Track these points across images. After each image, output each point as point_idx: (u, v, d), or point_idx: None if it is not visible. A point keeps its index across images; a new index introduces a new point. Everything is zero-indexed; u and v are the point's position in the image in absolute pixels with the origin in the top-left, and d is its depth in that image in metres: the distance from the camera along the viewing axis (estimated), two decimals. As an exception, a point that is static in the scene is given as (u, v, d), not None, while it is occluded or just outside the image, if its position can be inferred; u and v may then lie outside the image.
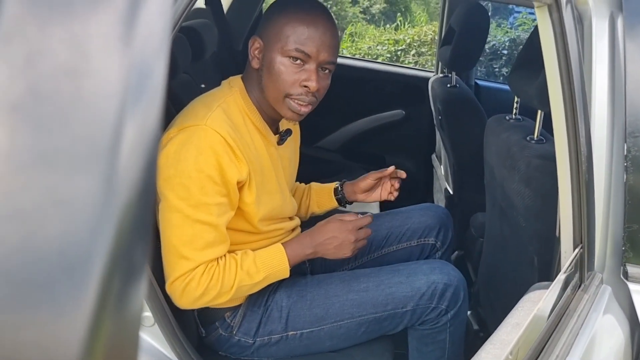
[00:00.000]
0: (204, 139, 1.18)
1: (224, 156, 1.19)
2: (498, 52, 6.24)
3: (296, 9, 1.25)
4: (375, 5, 8.75)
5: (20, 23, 0.22)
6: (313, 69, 1.23)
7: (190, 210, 1.19)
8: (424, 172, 2.96)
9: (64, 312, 0.22)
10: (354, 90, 2.91)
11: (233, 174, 1.21)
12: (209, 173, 1.18)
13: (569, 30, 0.96)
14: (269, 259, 1.31)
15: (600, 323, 1.02)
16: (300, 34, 1.21)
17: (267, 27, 1.26)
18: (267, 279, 1.31)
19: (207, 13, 2.53)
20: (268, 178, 1.35)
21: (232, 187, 1.23)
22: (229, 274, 1.25)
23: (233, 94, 1.31)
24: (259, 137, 1.33)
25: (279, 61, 1.23)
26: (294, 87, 1.23)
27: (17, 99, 0.21)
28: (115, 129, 0.25)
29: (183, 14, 1.01)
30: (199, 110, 1.24)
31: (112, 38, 0.25)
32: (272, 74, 1.24)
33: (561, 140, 1.03)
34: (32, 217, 0.21)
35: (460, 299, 1.39)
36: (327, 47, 1.24)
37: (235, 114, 1.28)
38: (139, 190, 0.26)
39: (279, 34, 1.23)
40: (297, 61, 1.23)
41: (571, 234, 1.06)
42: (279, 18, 1.24)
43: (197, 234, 1.20)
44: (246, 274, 1.27)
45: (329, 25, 1.26)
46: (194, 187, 1.18)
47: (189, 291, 1.23)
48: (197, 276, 1.22)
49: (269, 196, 1.36)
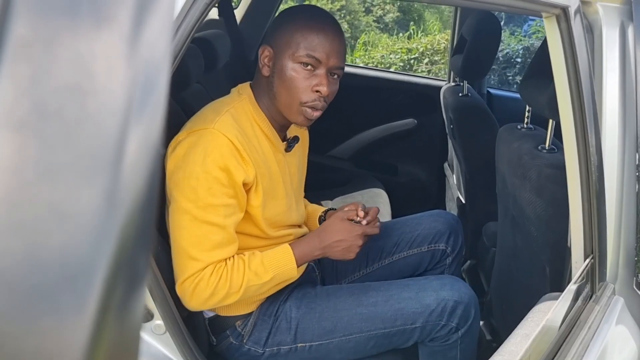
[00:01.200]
0: (211, 141, 1.21)
1: (231, 158, 1.21)
2: (512, 61, 6.21)
3: (305, 18, 1.28)
4: (389, 14, 8.77)
5: (26, 44, 0.23)
6: (323, 74, 1.26)
7: (199, 211, 1.21)
8: (436, 181, 2.95)
9: (67, 321, 0.23)
10: (366, 99, 2.92)
11: (240, 175, 1.23)
12: (216, 175, 1.20)
13: (578, 40, 0.96)
14: (277, 258, 1.32)
15: (612, 334, 1.01)
16: (311, 40, 1.24)
17: (277, 35, 1.29)
18: (275, 278, 1.32)
19: (220, 24, 2.56)
20: (275, 183, 1.37)
21: (240, 189, 1.25)
22: (237, 274, 1.27)
23: (242, 101, 1.33)
24: (267, 144, 1.35)
25: (290, 67, 1.26)
26: (307, 92, 1.26)
27: (24, 116, 0.22)
28: (118, 144, 0.26)
29: (195, 26, 1.03)
30: (208, 115, 1.28)
31: (115, 57, 0.26)
32: (284, 80, 1.27)
33: (571, 150, 1.03)
34: (37, 229, 0.22)
35: (471, 316, 1.38)
36: (336, 52, 1.27)
37: (243, 120, 1.31)
38: (140, 204, 0.26)
39: (290, 42, 1.25)
40: (308, 67, 1.26)
41: (582, 244, 1.05)
42: (289, 26, 1.27)
43: (205, 235, 1.23)
44: (254, 274, 1.28)
45: (337, 32, 1.29)
46: (202, 188, 1.20)
47: (199, 292, 1.24)
48: (205, 276, 1.23)
49: (275, 201, 1.37)
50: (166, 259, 1.30)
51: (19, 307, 0.22)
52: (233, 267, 1.27)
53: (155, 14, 0.28)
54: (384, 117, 2.94)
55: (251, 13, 2.84)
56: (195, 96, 1.99)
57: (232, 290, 1.26)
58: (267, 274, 1.29)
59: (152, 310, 1.21)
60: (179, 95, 1.84)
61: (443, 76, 3.50)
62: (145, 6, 0.28)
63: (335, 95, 1.34)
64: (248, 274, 1.28)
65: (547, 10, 0.90)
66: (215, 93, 2.14)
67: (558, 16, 0.92)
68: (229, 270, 1.26)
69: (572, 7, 0.93)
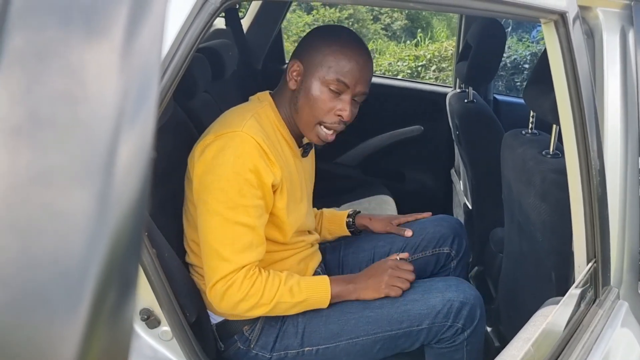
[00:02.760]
0: (240, 144, 1.24)
1: (260, 160, 1.24)
2: (520, 67, 6.20)
3: (340, 42, 1.32)
4: (397, 21, 8.80)
5: (21, 54, 0.24)
6: (348, 100, 1.31)
7: (229, 212, 1.23)
8: (443, 187, 2.95)
9: (59, 316, 0.24)
10: (372, 107, 2.92)
11: (268, 176, 1.26)
12: (246, 176, 1.23)
13: (577, 45, 0.97)
14: (314, 283, 1.35)
15: (616, 338, 1.01)
16: (343, 66, 1.29)
17: (309, 53, 1.32)
18: (307, 302, 1.34)
19: (228, 33, 2.60)
20: (296, 186, 1.41)
21: (268, 190, 1.28)
22: (272, 285, 1.29)
23: (264, 107, 1.37)
24: (287, 148, 1.40)
25: (318, 88, 1.30)
26: (329, 115, 1.31)
27: (18, 123, 0.23)
28: (109, 149, 0.27)
29: (199, 36, 1.05)
30: (234, 119, 1.31)
31: (106, 66, 0.27)
32: (309, 99, 1.31)
33: (572, 155, 1.03)
34: (30, 228, 0.24)
35: (476, 317, 1.38)
36: (364, 80, 1.33)
37: (266, 124, 1.34)
38: (131, 206, 0.28)
39: (322, 63, 1.30)
40: (336, 91, 1.30)
41: (584, 248, 1.05)
42: (322, 47, 1.31)
43: (236, 236, 1.25)
44: (288, 291, 1.30)
45: (368, 59, 1.34)
46: (232, 190, 1.23)
47: (230, 295, 1.26)
48: (238, 280, 1.25)
49: (296, 205, 1.41)
50: (174, 267, 1.31)
51: (13, 301, 0.23)
52: (268, 278, 1.29)
53: (147, 26, 0.30)
54: (390, 124, 2.95)
55: (258, 22, 2.87)
56: (202, 105, 2.02)
57: (264, 301, 1.28)
58: (302, 294, 1.32)
59: (159, 316, 1.23)
60: (187, 104, 1.86)
61: (450, 83, 3.51)
62: (136, 18, 0.29)
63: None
64: (282, 289, 1.30)
65: (545, 16, 0.91)
66: (223, 102, 2.17)
67: (556, 22, 0.93)
68: (263, 279, 1.28)
69: (570, 13, 0.94)
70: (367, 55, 1.35)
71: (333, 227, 1.73)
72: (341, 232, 1.73)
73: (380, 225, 1.70)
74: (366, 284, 1.38)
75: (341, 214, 1.75)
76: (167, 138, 1.52)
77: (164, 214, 1.37)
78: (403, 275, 1.38)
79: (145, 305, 1.21)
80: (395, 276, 1.37)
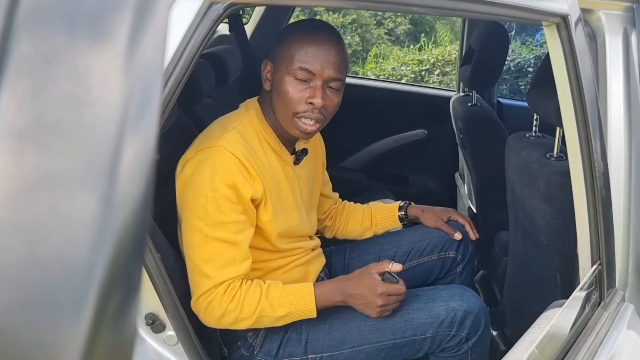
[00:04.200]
0: (218, 159, 1.23)
1: (238, 175, 1.23)
2: (524, 70, 6.20)
3: (301, 31, 1.30)
4: (401, 26, 8.81)
5: (27, 60, 0.25)
6: (319, 86, 1.27)
7: (209, 229, 1.23)
8: (448, 191, 2.95)
9: (65, 315, 0.25)
10: (376, 111, 2.94)
11: (247, 191, 1.25)
12: (224, 192, 1.22)
13: (580, 48, 0.97)
14: (297, 295, 1.30)
15: (621, 341, 1.00)
16: (304, 53, 1.25)
17: (276, 50, 1.31)
18: (291, 315, 1.30)
19: (231, 39, 2.61)
20: (285, 197, 1.38)
21: (248, 204, 1.27)
22: (251, 299, 1.26)
23: (249, 116, 1.36)
24: (275, 158, 1.37)
25: (285, 81, 1.27)
26: (300, 104, 1.27)
27: (24, 126, 0.24)
28: (114, 152, 0.28)
29: (203, 42, 1.06)
30: (215, 132, 1.30)
31: (111, 72, 0.28)
32: (280, 94, 1.28)
33: (575, 157, 1.03)
34: (37, 230, 0.24)
35: (481, 326, 1.37)
36: (331, 64, 1.27)
37: (250, 135, 1.32)
38: (135, 209, 0.28)
39: (286, 55, 1.28)
40: (303, 80, 1.27)
41: (588, 250, 1.05)
42: (286, 41, 1.29)
43: (217, 252, 1.24)
44: (269, 305, 1.28)
45: (333, 43, 1.29)
46: (211, 206, 1.22)
47: (212, 310, 1.26)
48: (218, 295, 1.25)
49: (286, 214, 1.39)
50: (179, 271, 1.32)
51: (20, 301, 0.24)
52: (248, 291, 1.27)
53: (150, 32, 0.30)
54: (394, 128, 2.96)
55: (261, 28, 2.89)
56: (207, 110, 2.03)
57: (244, 316, 1.26)
58: (283, 308, 1.28)
59: (164, 321, 1.23)
60: (191, 110, 1.87)
61: (454, 87, 3.51)
62: (140, 25, 0.30)
63: (347, 107, 1.34)
64: (263, 304, 1.27)
65: (547, 19, 0.92)
66: (227, 107, 2.18)
67: (558, 24, 0.93)
68: (242, 294, 1.26)
69: (572, 16, 0.94)
70: (332, 39, 1.29)
71: (384, 222, 1.71)
72: (394, 225, 1.71)
73: (432, 221, 1.67)
74: (358, 298, 1.31)
75: (391, 207, 1.73)
76: (171, 143, 1.53)
77: (168, 219, 1.38)
78: (394, 301, 1.32)
79: (150, 309, 1.21)
80: (387, 306, 1.31)
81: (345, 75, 1.33)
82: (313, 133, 1.32)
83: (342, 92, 1.34)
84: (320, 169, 1.62)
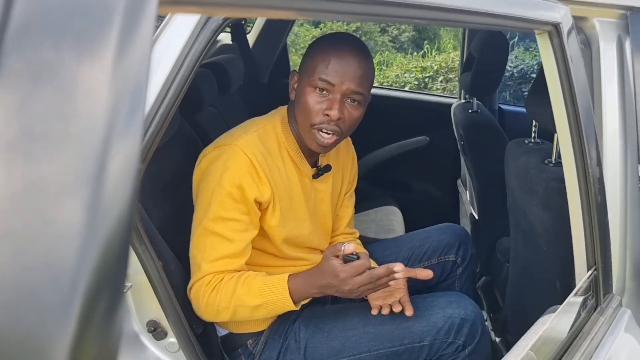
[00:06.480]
0: (231, 157, 1.26)
1: (246, 176, 1.26)
2: (527, 76, 6.21)
3: (327, 43, 1.31)
4: (404, 33, 8.85)
5: (17, 74, 0.26)
6: (337, 99, 1.27)
7: (209, 222, 1.26)
8: (450, 197, 2.96)
9: (50, 317, 0.26)
10: (378, 118, 2.94)
11: (253, 193, 1.27)
12: (229, 190, 1.25)
13: (573, 56, 0.98)
14: (270, 285, 1.28)
15: (617, 346, 1.01)
16: (325, 65, 1.27)
17: (304, 62, 1.34)
18: (266, 306, 1.27)
19: (234, 48, 2.64)
20: (297, 206, 1.39)
21: (252, 206, 1.28)
22: (228, 288, 1.26)
23: (274, 122, 1.38)
24: (292, 166, 1.38)
25: (306, 91, 1.29)
26: (317, 115, 1.28)
27: (12, 138, 0.26)
28: (99, 161, 0.29)
29: (203, 51, 1.08)
30: (236, 132, 1.34)
31: (97, 85, 0.29)
32: (300, 104, 1.31)
33: (569, 163, 1.04)
34: (23, 235, 0.26)
35: (477, 334, 1.37)
36: (352, 77, 1.26)
37: (271, 141, 1.34)
38: (120, 215, 0.30)
39: (309, 67, 1.30)
40: (323, 91, 1.28)
41: (584, 256, 1.06)
42: (312, 53, 1.32)
43: (212, 246, 1.27)
44: (245, 294, 1.26)
45: (356, 56, 1.28)
46: (215, 201, 1.25)
47: (197, 300, 1.29)
48: (203, 286, 1.27)
49: (296, 223, 1.39)
50: (180, 278, 1.33)
51: (7, 303, 0.25)
52: (229, 282, 1.27)
53: (135, 47, 0.32)
54: (396, 135, 2.97)
55: (263, 37, 2.92)
56: (209, 119, 2.05)
57: (223, 305, 1.26)
58: (257, 298, 1.26)
59: (165, 328, 1.25)
60: (193, 118, 1.89)
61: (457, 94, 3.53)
62: (125, 39, 0.31)
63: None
64: (239, 291, 1.26)
65: (538, 27, 0.93)
66: (230, 116, 2.21)
67: (550, 32, 0.94)
68: (223, 283, 1.27)
69: (564, 24, 0.95)
70: (355, 52, 1.28)
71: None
72: None
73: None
74: (329, 287, 1.25)
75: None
76: (173, 152, 1.55)
77: (170, 227, 1.40)
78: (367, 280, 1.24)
79: (152, 317, 1.23)
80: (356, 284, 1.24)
81: (369, 90, 1.32)
82: (330, 146, 1.32)
83: (364, 106, 1.33)
84: (343, 191, 1.60)
